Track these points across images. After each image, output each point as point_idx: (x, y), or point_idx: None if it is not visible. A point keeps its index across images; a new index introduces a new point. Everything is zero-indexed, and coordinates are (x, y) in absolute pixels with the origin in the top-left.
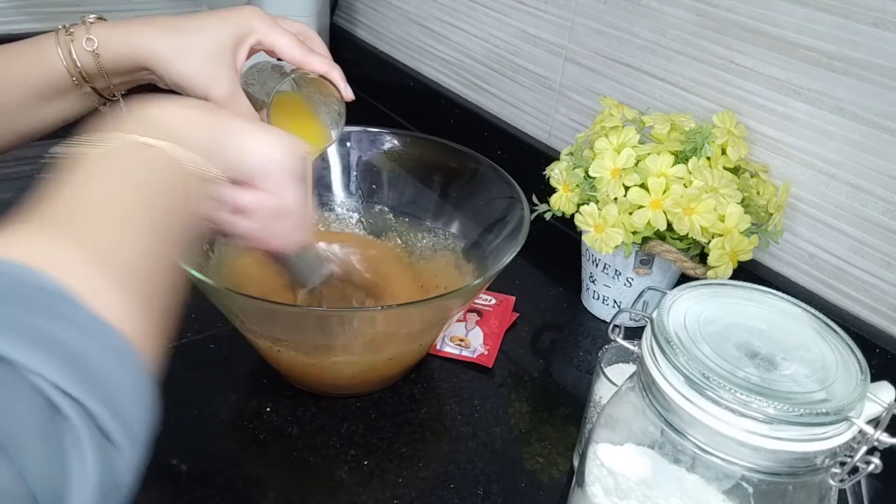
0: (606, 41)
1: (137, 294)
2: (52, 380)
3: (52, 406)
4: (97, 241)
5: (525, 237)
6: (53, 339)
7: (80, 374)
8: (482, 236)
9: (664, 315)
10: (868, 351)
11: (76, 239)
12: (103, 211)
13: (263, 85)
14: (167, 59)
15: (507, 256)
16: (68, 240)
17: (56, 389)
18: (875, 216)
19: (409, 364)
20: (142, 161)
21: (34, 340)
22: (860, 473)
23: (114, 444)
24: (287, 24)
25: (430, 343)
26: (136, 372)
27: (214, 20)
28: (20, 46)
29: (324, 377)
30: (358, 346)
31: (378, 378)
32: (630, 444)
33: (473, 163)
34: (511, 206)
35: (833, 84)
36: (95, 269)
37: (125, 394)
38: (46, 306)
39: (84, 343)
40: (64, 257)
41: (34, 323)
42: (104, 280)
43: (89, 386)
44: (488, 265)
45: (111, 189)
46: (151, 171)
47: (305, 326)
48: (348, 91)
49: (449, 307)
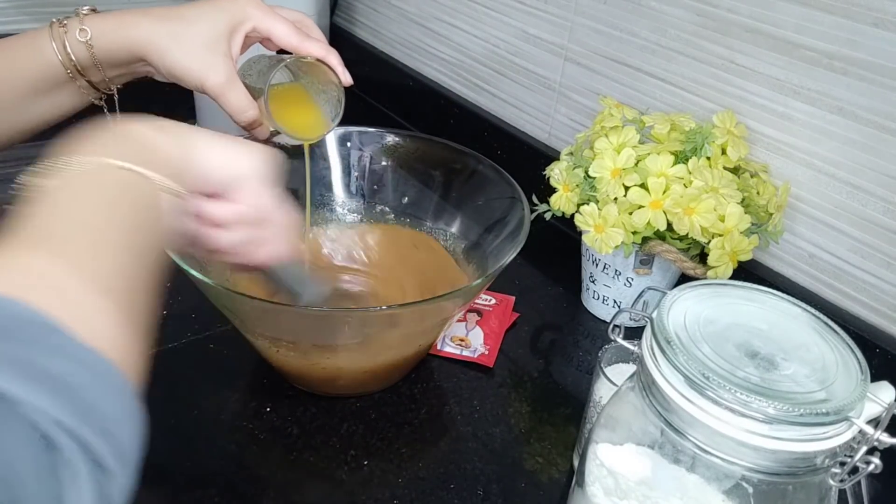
0: (606, 41)
1: (118, 313)
2: (45, 411)
3: (46, 438)
4: (76, 261)
5: (525, 237)
6: (43, 371)
7: (71, 404)
8: (482, 236)
9: (664, 315)
10: (868, 351)
11: (55, 260)
12: (79, 230)
13: (261, 74)
14: (162, 48)
15: (507, 256)
16: (46, 262)
17: (50, 421)
18: (875, 216)
19: (409, 364)
20: (112, 181)
21: (25, 373)
22: (860, 473)
23: (107, 470)
24: (284, 12)
25: (430, 344)
26: (125, 396)
27: (210, 8)
28: (14, 41)
29: (323, 378)
30: (357, 346)
31: (378, 378)
32: (630, 444)
33: (474, 162)
34: (511, 206)
35: (833, 84)
36: (77, 292)
37: (116, 420)
38: (32, 337)
39: (73, 372)
40: (45, 281)
41: (23, 355)
42: (86, 302)
43: (81, 415)
44: (488, 265)
45: (85, 209)
46: (123, 190)
47: (305, 326)
48: (346, 75)
49: (449, 307)
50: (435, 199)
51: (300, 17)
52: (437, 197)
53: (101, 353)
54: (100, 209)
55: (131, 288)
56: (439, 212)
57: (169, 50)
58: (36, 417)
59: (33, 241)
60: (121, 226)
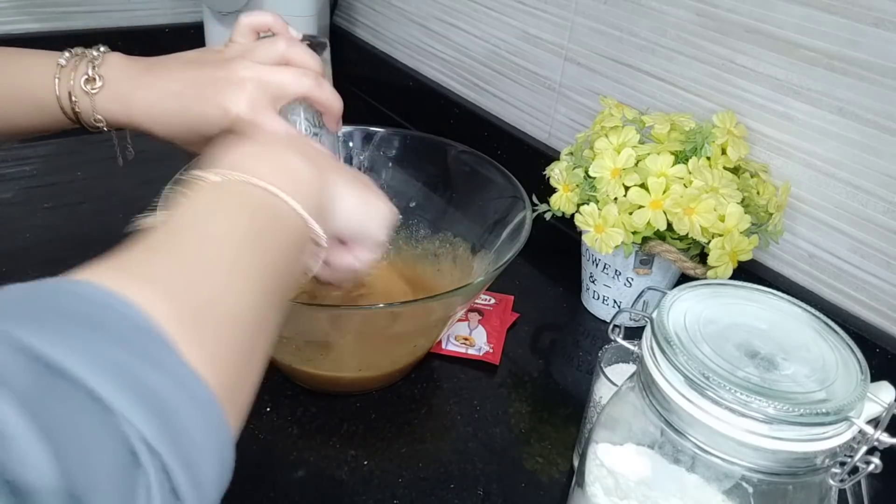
0: (606, 41)
1: (236, 349)
2: (139, 429)
3: (133, 455)
4: (200, 283)
5: (527, 236)
6: (147, 387)
7: (165, 427)
8: (483, 236)
9: (664, 315)
10: (868, 351)
11: (179, 273)
12: (214, 251)
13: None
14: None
15: (509, 255)
16: (169, 274)
17: (141, 440)
18: (875, 216)
19: (409, 364)
20: (263, 206)
21: (131, 386)
22: (860, 473)
23: (181, 501)
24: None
25: (430, 344)
26: (219, 431)
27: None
28: (14, 69)
29: (324, 376)
30: (358, 344)
31: (378, 377)
32: (630, 444)
33: (475, 161)
34: (513, 205)
35: (833, 84)
36: (192, 315)
37: (205, 453)
38: (140, 347)
39: (174, 394)
40: (162, 293)
41: (128, 363)
42: (206, 326)
43: (172, 440)
44: (490, 264)
45: (225, 229)
46: (273, 218)
47: (305, 323)
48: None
49: (451, 305)
50: (435, 199)
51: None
52: (438, 196)
53: (205, 380)
54: (244, 233)
55: (251, 323)
56: (440, 211)
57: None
58: (127, 431)
59: (162, 252)
60: (264, 257)
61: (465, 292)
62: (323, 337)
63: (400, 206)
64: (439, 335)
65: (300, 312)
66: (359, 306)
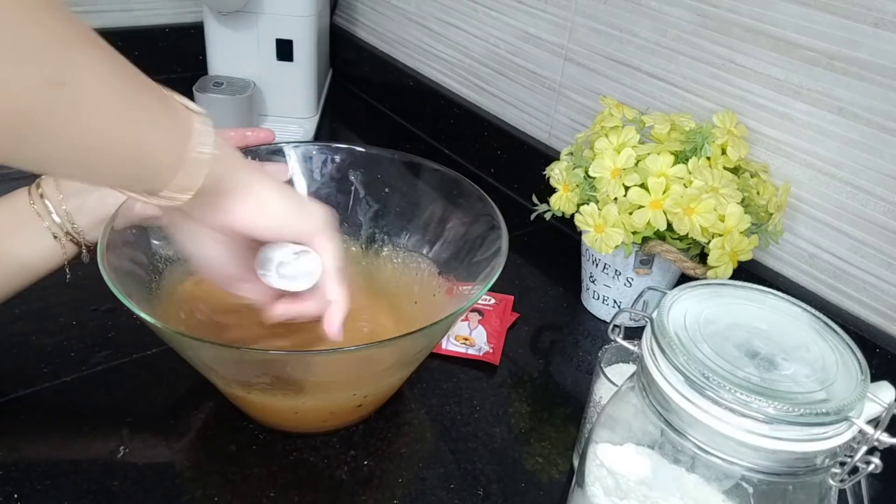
0: (606, 41)
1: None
2: None
3: None
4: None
5: (502, 266)
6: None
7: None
8: (458, 258)
9: (664, 315)
10: (868, 351)
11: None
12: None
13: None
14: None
15: (480, 290)
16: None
17: None
18: (875, 216)
19: (383, 397)
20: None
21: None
22: (860, 473)
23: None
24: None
25: (406, 376)
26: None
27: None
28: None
29: (298, 418)
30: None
31: (356, 415)
32: (630, 444)
33: (449, 182)
34: (490, 228)
35: (833, 84)
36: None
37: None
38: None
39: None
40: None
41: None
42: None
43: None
44: (465, 292)
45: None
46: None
47: (274, 368)
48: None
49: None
50: (410, 219)
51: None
52: (413, 216)
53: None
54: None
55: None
56: (413, 232)
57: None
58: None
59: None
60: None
61: (429, 333)
62: (295, 375)
63: (371, 226)
64: (408, 374)
65: (274, 361)
66: (319, 350)
